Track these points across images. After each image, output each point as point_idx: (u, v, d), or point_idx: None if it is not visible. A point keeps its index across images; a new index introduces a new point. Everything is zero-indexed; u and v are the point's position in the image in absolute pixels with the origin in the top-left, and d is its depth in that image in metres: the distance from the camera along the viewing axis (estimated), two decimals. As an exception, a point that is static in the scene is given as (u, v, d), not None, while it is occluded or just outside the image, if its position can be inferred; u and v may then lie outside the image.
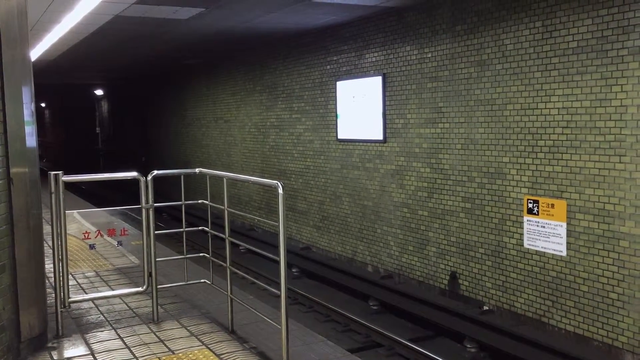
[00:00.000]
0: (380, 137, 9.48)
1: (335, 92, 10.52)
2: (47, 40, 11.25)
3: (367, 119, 9.75)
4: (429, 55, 8.49)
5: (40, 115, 39.92)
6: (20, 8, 4.18)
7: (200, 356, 4.22)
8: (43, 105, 38.86)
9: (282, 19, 9.67)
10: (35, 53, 12.64)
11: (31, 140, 4.31)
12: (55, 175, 4.55)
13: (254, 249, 4.86)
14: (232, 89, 14.88)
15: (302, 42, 11.48)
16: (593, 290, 6.48)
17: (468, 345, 6.99)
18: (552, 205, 6.83)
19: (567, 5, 6.53)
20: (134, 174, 4.98)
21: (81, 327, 4.86)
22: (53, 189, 4.53)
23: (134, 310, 5.31)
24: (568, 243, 6.70)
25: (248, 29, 10.54)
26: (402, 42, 8.98)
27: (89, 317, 5.13)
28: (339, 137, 10.53)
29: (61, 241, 4.63)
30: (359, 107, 9.92)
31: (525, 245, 7.21)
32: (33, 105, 4.37)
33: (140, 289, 5.14)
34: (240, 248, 11.53)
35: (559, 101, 6.69)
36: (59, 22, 9.42)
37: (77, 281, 6.26)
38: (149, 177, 4.83)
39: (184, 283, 5.44)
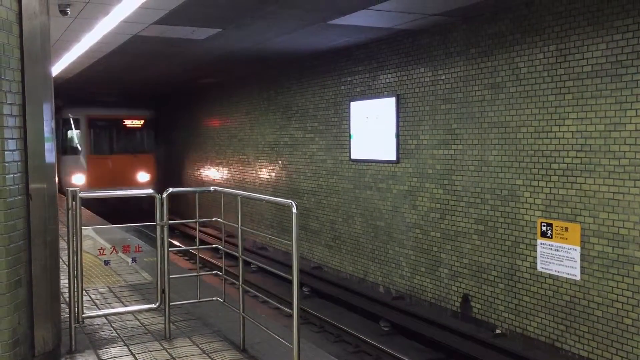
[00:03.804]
0: (393, 158, 9.51)
1: (349, 112, 10.59)
2: (66, 59, 11.46)
3: (381, 140, 9.79)
4: (443, 77, 8.53)
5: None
6: (44, 27, 4.28)
7: (212, 374, 4.22)
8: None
9: (297, 40, 9.78)
10: (54, 71, 12.86)
11: (50, 156, 4.39)
12: (73, 191, 4.61)
13: (266, 267, 4.88)
14: (246, 108, 15.00)
15: (316, 62, 11.59)
16: (607, 315, 6.41)
17: (480, 369, 6.93)
18: (566, 229, 6.80)
19: (581, 30, 6.56)
20: (149, 191, 5.04)
21: (94, 343, 4.88)
22: (70, 205, 4.59)
23: (147, 326, 5.33)
24: (582, 267, 6.65)
25: (263, 50, 10.67)
26: (416, 64, 9.04)
27: (101, 333, 5.15)
28: (352, 157, 10.57)
29: (77, 257, 4.67)
30: (373, 127, 9.97)
31: (539, 268, 7.17)
32: (53, 122, 4.45)
33: (152, 305, 5.16)
34: (252, 266, 11.54)
35: (573, 125, 6.69)
36: (79, 41, 9.60)
37: (90, 297, 6.30)
38: (164, 195, 4.88)
39: (196, 300, 5.46)
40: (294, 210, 3.73)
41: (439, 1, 7.20)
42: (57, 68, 12.57)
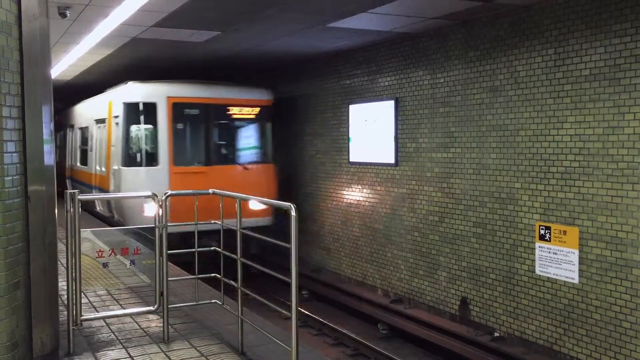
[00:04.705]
0: (392, 161, 9.51)
1: (348, 115, 10.59)
2: (65, 61, 11.46)
3: (379, 143, 9.80)
4: (442, 80, 8.55)
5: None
6: (43, 29, 4.29)
7: (210, 377, 4.21)
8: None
9: (296, 43, 9.79)
10: (53, 73, 12.85)
11: (49, 159, 4.39)
12: (72, 194, 4.60)
13: (266, 270, 4.87)
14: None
15: (315, 65, 11.59)
16: (605, 318, 6.42)
17: (478, 372, 6.92)
18: (564, 232, 6.80)
19: (579, 34, 6.58)
20: (148, 193, 5.04)
21: (92, 346, 4.88)
22: (69, 208, 4.58)
23: (145, 329, 5.33)
24: (580, 270, 6.66)
25: (262, 52, 10.67)
26: (415, 67, 9.06)
27: (100, 336, 5.14)
28: (351, 159, 10.57)
29: (75, 260, 4.67)
30: (371, 130, 9.98)
31: (537, 271, 7.17)
32: (52, 124, 4.45)
33: (151, 308, 5.16)
34: (251, 269, 11.52)
35: (571, 128, 6.70)
36: (78, 43, 9.60)
37: (88, 299, 6.29)
38: (163, 197, 4.88)
39: (194, 303, 5.46)
40: (293, 213, 3.72)
41: (438, 5, 7.21)
42: (56, 70, 12.57)
